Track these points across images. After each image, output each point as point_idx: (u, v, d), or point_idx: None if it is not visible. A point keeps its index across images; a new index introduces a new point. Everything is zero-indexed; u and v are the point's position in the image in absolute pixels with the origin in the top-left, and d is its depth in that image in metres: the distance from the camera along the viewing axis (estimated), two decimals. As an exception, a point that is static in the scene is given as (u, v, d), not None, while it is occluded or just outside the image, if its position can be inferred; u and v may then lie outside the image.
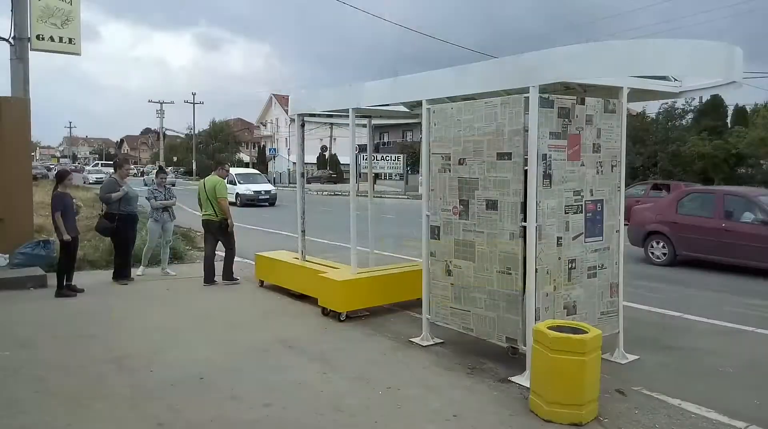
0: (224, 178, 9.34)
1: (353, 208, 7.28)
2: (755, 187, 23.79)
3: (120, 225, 8.73)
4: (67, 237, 7.88)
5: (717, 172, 23.86)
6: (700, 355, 5.92)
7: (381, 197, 32.34)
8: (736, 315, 7.46)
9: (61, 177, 8.19)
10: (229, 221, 9.05)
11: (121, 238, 8.87)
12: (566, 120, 4.99)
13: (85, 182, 39.26)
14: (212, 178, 9.19)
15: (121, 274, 8.90)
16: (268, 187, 29.11)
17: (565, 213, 5.10)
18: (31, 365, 5.28)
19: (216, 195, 8.95)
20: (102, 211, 9.04)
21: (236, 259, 10.82)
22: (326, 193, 38.98)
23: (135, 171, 59.02)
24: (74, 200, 8.31)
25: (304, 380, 4.96)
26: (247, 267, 10.21)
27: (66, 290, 8.02)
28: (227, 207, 9.08)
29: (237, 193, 26.59)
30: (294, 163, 10.93)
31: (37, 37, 10.95)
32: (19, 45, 10.85)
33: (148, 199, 9.60)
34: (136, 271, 9.40)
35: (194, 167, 61.88)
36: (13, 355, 5.57)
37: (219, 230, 9.12)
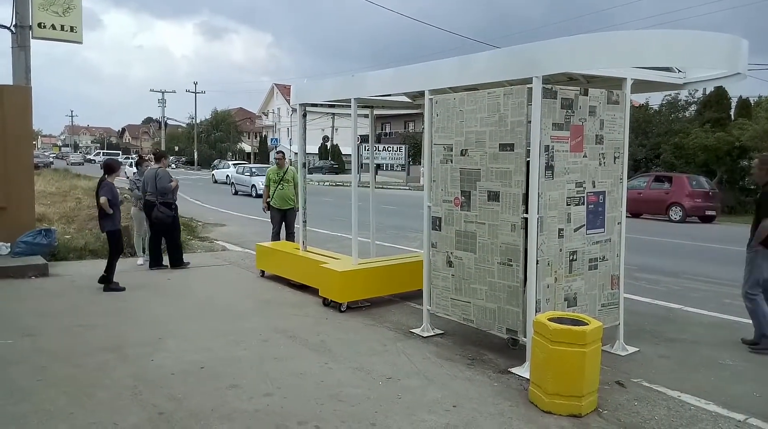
0: (281, 167, 10.03)
1: (355, 198, 7.27)
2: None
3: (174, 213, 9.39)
4: (110, 211, 7.72)
5: (719, 165, 23.79)
6: (699, 347, 5.92)
7: (383, 188, 32.32)
8: (736, 308, 7.44)
9: (112, 168, 8.02)
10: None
11: (176, 226, 9.50)
12: (569, 111, 4.97)
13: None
14: None
15: (181, 260, 9.42)
16: None
17: (567, 204, 5.09)
18: (33, 354, 5.30)
19: None
20: (157, 200, 9.27)
21: (237, 249, 10.85)
22: (328, 183, 38.96)
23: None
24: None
25: (305, 370, 4.98)
26: (249, 256, 10.23)
27: (114, 284, 7.84)
28: (263, 194, 10.27)
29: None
30: (296, 153, 11.04)
31: (39, 25, 10.92)
32: (21, 33, 10.82)
33: (131, 189, 9.62)
34: (137, 262, 9.46)
35: (195, 157, 61.83)
36: (15, 343, 5.59)
37: None
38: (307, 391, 4.54)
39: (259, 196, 26.72)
